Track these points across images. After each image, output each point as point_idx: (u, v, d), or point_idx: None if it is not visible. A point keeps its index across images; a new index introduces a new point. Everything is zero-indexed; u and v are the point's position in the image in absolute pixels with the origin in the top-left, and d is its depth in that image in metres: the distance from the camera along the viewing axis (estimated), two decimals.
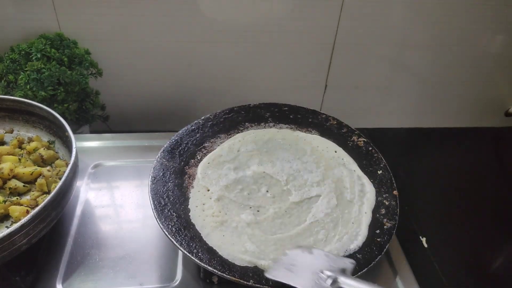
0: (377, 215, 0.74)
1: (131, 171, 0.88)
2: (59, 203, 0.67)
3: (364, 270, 0.64)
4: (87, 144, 0.94)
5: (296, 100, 0.95)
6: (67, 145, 0.81)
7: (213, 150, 0.85)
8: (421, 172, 1.02)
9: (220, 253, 0.66)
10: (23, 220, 0.60)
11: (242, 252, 0.67)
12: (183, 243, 0.66)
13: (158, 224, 0.67)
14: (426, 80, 1.23)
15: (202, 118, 0.89)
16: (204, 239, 0.68)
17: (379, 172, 0.82)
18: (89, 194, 0.83)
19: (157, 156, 0.79)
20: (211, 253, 0.66)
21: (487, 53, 1.18)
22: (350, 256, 0.68)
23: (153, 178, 0.75)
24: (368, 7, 1.05)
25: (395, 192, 0.78)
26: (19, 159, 0.78)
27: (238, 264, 0.65)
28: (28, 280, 0.67)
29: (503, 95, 1.28)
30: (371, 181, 0.81)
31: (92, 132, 1.10)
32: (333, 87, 1.21)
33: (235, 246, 0.68)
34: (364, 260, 0.67)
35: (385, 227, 0.72)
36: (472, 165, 1.05)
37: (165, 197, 0.73)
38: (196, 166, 0.82)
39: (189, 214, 0.72)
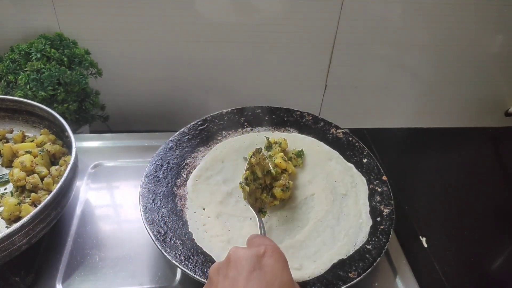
0: (374, 203, 0.76)
1: (131, 171, 0.88)
2: (59, 203, 0.67)
3: (378, 260, 0.66)
4: (87, 144, 0.94)
5: (296, 100, 0.95)
6: (67, 145, 0.81)
7: (197, 166, 0.82)
8: (421, 172, 1.02)
9: None
10: (23, 220, 0.60)
11: None
12: (197, 270, 0.64)
13: (165, 255, 0.65)
14: (426, 80, 1.23)
15: (177, 133, 0.87)
16: (217, 261, 0.65)
17: (365, 160, 0.83)
18: (89, 194, 0.83)
19: (141, 183, 0.76)
20: None
21: (487, 53, 1.18)
22: (360, 249, 0.68)
23: (144, 207, 0.72)
24: (368, 7, 1.05)
25: (384, 178, 0.79)
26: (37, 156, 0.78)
27: None
28: (28, 280, 0.66)
29: (503, 95, 1.28)
30: (359, 170, 0.81)
31: (92, 132, 1.10)
32: (333, 87, 1.21)
33: None
34: (376, 250, 0.68)
35: (384, 213, 0.73)
36: (472, 165, 1.05)
37: (162, 225, 0.70)
38: (184, 185, 0.79)
39: (193, 238, 0.70)
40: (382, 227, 0.71)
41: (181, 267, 0.64)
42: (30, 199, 0.71)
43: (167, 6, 1.00)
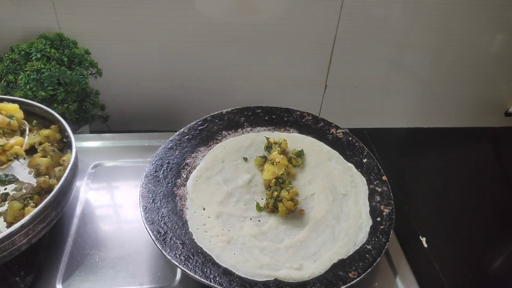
0: (374, 203, 0.76)
1: (131, 171, 0.88)
2: (59, 203, 0.67)
3: (378, 260, 0.66)
4: (87, 144, 0.94)
5: (296, 100, 0.95)
6: (67, 145, 0.81)
7: (197, 166, 0.82)
8: (421, 172, 1.02)
9: (237, 273, 0.65)
10: (23, 220, 0.60)
11: (258, 267, 0.65)
12: (197, 270, 0.64)
13: (165, 255, 0.65)
14: (426, 80, 1.23)
15: (177, 133, 0.87)
16: (217, 261, 0.66)
17: (365, 160, 0.83)
18: (89, 194, 0.83)
19: (141, 183, 0.76)
20: (228, 275, 0.64)
21: (487, 53, 1.18)
22: (360, 249, 0.68)
23: (144, 207, 0.72)
24: (368, 7, 1.06)
25: (384, 178, 0.79)
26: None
27: (259, 280, 0.64)
28: (28, 280, 0.66)
29: (503, 95, 1.28)
30: (359, 170, 0.82)
31: (92, 132, 1.10)
32: (333, 87, 1.21)
33: (249, 262, 0.66)
34: (376, 250, 0.68)
35: (384, 213, 0.74)
36: (472, 165, 1.05)
37: (162, 225, 0.70)
38: (184, 185, 0.79)
39: (193, 238, 0.70)
40: (382, 227, 0.71)
41: (181, 267, 0.64)
42: (34, 203, 0.70)
43: (167, 6, 1.01)
